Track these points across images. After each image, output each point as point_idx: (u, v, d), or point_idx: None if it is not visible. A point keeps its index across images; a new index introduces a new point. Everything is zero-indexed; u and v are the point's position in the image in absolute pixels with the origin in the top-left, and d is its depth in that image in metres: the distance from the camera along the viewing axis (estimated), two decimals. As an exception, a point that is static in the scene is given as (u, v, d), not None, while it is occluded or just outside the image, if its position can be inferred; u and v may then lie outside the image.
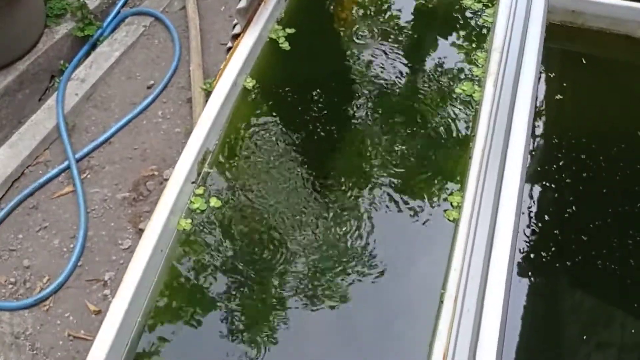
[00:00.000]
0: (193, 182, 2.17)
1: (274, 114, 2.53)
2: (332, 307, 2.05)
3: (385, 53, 2.79)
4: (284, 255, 2.15)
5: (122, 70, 3.48)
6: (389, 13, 2.94)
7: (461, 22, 2.84)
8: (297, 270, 2.12)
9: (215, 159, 2.30)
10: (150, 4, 3.78)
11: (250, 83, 2.50)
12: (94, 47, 3.59)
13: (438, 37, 2.83)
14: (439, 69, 2.67)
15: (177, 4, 3.81)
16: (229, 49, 2.60)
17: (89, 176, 3.05)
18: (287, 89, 2.60)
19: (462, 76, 2.59)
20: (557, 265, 2.15)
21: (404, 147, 2.43)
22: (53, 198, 2.96)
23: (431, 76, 2.66)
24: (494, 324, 1.66)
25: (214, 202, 2.17)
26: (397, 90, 2.62)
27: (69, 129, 3.15)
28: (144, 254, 1.93)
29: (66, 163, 3.04)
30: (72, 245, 2.79)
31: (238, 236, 2.14)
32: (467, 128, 2.43)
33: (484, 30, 2.77)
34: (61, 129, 3.12)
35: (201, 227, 2.15)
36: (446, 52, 2.76)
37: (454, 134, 2.43)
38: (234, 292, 2.07)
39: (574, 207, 2.27)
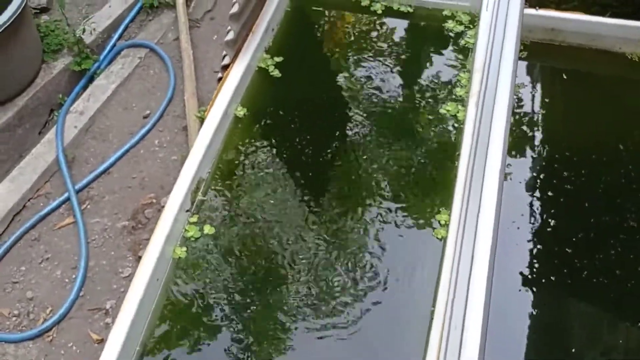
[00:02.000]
0: (187, 211, 2.24)
1: (265, 141, 2.61)
2: (327, 326, 2.10)
3: (374, 73, 2.86)
4: (277, 279, 2.21)
5: (119, 102, 3.57)
6: (377, 34, 3.01)
7: (445, 43, 2.92)
8: (291, 292, 2.18)
9: (208, 187, 2.37)
10: (145, 36, 3.88)
11: (241, 112, 2.58)
12: (91, 80, 3.69)
13: (424, 59, 2.91)
14: (425, 90, 2.75)
15: (170, 35, 3.90)
16: (220, 79, 2.68)
17: (89, 207, 3.13)
18: (277, 115, 2.68)
19: (447, 97, 2.66)
20: (542, 279, 2.20)
21: (393, 167, 2.50)
22: (54, 229, 3.03)
23: (418, 97, 2.73)
24: (474, 340, 1.71)
25: (208, 229, 2.24)
26: (386, 112, 2.69)
27: (68, 161, 3.24)
28: (140, 283, 1.99)
29: (66, 195, 3.12)
30: (74, 276, 2.85)
31: (232, 262, 2.20)
32: (452, 148, 2.50)
33: (466, 52, 2.85)
34: (61, 161, 3.20)
35: (196, 255, 2.21)
36: (432, 73, 2.83)
37: (441, 154, 2.49)
38: (230, 318, 2.13)
39: (555, 221, 2.33)
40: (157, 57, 3.79)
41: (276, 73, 2.77)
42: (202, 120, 3.33)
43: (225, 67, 2.57)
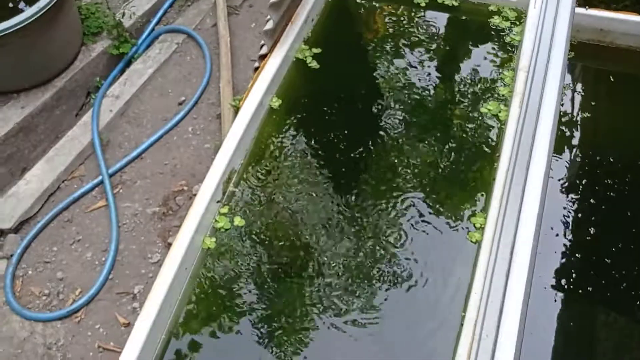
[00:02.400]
0: (218, 201, 2.21)
1: (299, 133, 2.57)
2: (356, 323, 2.06)
3: (414, 67, 2.79)
4: (306, 271, 2.17)
5: (155, 87, 3.58)
6: (419, 27, 2.94)
7: (489, 40, 2.84)
8: (319, 285, 2.15)
9: (240, 178, 2.34)
10: (183, 22, 3.88)
11: (276, 103, 2.54)
12: (128, 64, 3.70)
13: (466, 55, 2.83)
14: (466, 87, 2.67)
15: (209, 21, 3.89)
16: (256, 68, 2.64)
17: (121, 191, 3.14)
18: (313, 107, 2.64)
19: (489, 95, 2.58)
20: (580, 289, 2.13)
21: (430, 166, 2.44)
22: (87, 212, 3.06)
23: (458, 94, 2.66)
24: (509, 352, 1.65)
25: (238, 221, 2.21)
26: (423, 108, 2.63)
27: (103, 145, 3.25)
28: (169, 271, 1.98)
29: (100, 178, 3.13)
30: (103, 259, 2.87)
31: (261, 254, 2.17)
32: (492, 148, 2.43)
33: (511, 49, 2.76)
34: (96, 145, 3.22)
35: (225, 246, 2.19)
36: (474, 69, 2.75)
37: (479, 155, 2.42)
38: (256, 307, 2.11)
39: (594, 229, 2.24)
40: (194, 43, 3.78)
41: (314, 64, 2.72)
42: (236, 109, 3.32)
43: (263, 57, 2.53)
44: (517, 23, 2.82)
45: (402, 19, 2.99)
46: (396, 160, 2.48)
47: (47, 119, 3.33)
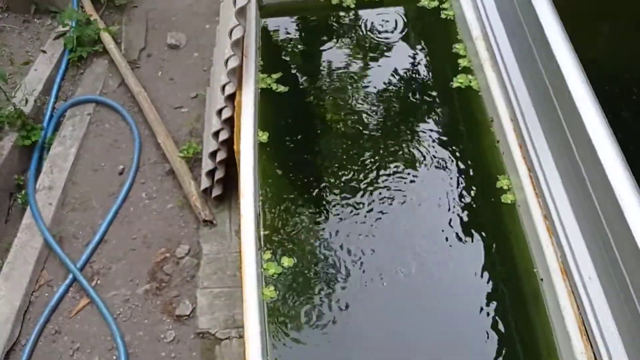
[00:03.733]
0: (259, 249, 2.11)
1: (297, 157, 2.51)
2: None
3: (373, 65, 2.81)
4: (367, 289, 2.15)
5: (85, 166, 3.30)
6: (359, 27, 2.98)
7: (429, 21, 2.95)
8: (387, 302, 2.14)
9: (265, 220, 2.25)
10: (84, 91, 3.61)
11: (263, 137, 2.47)
12: (42, 151, 3.37)
13: (415, 41, 2.90)
14: (430, 71, 2.75)
15: (112, 83, 3.66)
16: (220, 111, 2.55)
17: (99, 282, 2.88)
18: (299, 128, 2.59)
19: (453, 71, 2.68)
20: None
21: (421, 148, 2.49)
22: (72, 317, 2.77)
23: (425, 78, 2.73)
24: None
25: (287, 261, 2.12)
26: (401, 98, 2.66)
27: (57, 242, 2.94)
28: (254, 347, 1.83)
29: (70, 277, 2.85)
30: (114, 357, 2.62)
31: (323, 286, 2.11)
32: (481, 115, 2.51)
33: (451, 24, 2.89)
34: (51, 244, 2.91)
35: (285, 289, 2.09)
36: (428, 52, 2.83)
37: (473, 124, 2.51)
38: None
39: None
40: (107, 109, 3.54)
41: (281, 88, 2.68)
42: (187, 160, 3.18)
43: (231, 97, 2.45)
44: (444, 0, 2.99)
45: (339, 23, 3.04)
46: (400, 152, 2.49)
47: (-21, 235, 2.96)
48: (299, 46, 2.97)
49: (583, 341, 1.84)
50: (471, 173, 2.43)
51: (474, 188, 2.39)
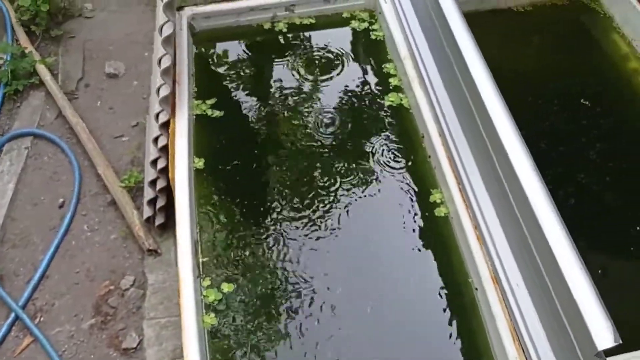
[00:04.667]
0: (198, 277, 2.12)
1: (234, 181, 2.53)
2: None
3: (307, 87, 2.85)
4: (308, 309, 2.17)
5: (24, 200, 3.24)
6: (292, 50, 3.02)
7: (360, 42, 3.02)
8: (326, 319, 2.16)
9: (204, 247, 2.25)
10: (22, 124, 3.55)
11: (200, 163, 2.48)
12: (-20, 188, 3.29)
13: (347, 63, 2.96)
14: (363, 90, 2.81)
15: (49, 115, 3.61)
16: (156, 138, 2.55)
17: (42, 319, 2.82)
18: (236, 152, 2.61)
19: (385, 89, 2.74)
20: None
21: (357, 166, 2.54)
22: (16, 356, 2.70)
23: (359, 98, 2.79)
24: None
25: (227, 287, 2.13)
26: (335, 118, 2.71)
27: (-4, 281, 2.88)
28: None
29: (12, 315, 2.78)
30: (60, 396, 2.57)
31: (266, 311, 2.12)
32: (414, 132, 2.59)
33: (381, 44, 2.97)
34: (-10, 283, 2.84)
35: (226, 316, 2.10)
36: (360, 73, 2.89)
37: (406, 142, 2.57)
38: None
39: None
40: (46, 141, 3.49)
41: (217, 114, 2.70)
42: (129, 189, 3.16)
43: (165, 125, 2.45)
44: (374, 21, 3.06)
45: (272, 47, 3.08)
46: (333, 171, 2.53)
47: None
48: (234, 71, 2.99)
49: (515, 346, 1.91)
50: (407, 188, 2.49)
51: (410, 202, 2.45)
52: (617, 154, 2.65)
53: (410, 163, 2.56)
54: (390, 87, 2.76)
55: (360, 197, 2.49)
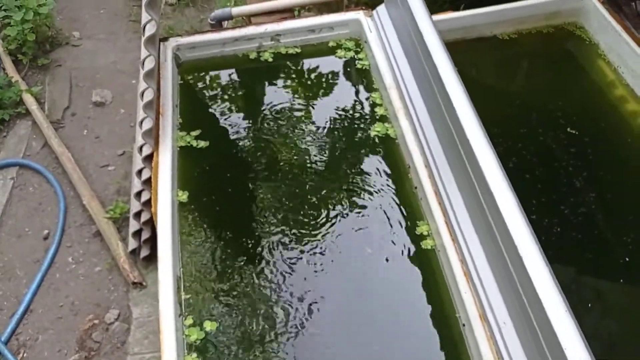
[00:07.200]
0: (180, 315, 2.08)
1: (218, 214, 2.50)
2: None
3: (294, 116, 2.84)
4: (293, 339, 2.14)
5: (9, 232, 3.21)
6: (278, 80, 3.01)
7: (345, 72, 3.02)
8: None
9: (187, 283, 2.22)
10: (7, 155, 3.53)
11: (183, 196, 2.45)
12: (-37, 219, 3.26)
13: (333, 92, 2.94)
14: (348, 120, 2.80)
15: (35, 144, 3.59)
16: (140, 171, 2.53)
17: (25, 354, 2.78)
18: (221, 184, 2.58)
19: (371, 119, 2.73)
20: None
21: (352, 198, 2.52)
22: (-3, 395, 2.65)
23: (347, 128, 2.77)
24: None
25: (210, 325, 2.09)
26: (321, 148, 2.69)
27: (-21, 315, 2.84)
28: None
29: (-6, 351, 2.73)
30: None
31: (250, 349, 2.08)
32: (401, 162, 2.57)
33: (366, 73, 2.96)
34: (-28, 318, 2.80)
35: (209, 355, 2.05)
36: (346, 102, 2.88)
37: (392, 172, 2.56)
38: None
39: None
40: (31, 172, 3.46)
41: (202, 144, 2.67)
42: (114, 220, 3.13)
43: (148, 158, 2.43)
44: (359, 50, 3.06)
45: (257, 77, 3.07)
46: (320, 196, 2.51)
47: None
48: (219, 101, 2.98)
49: (503, 387, 1.87)
50: (394, 219, 2.47)
51: (397, 234, 2.42)
52: (604, 183, 2.64)
53: (396, 194, 2.53)
54: (377, 117, 2.75)
55: (347, 230, 2.46)
